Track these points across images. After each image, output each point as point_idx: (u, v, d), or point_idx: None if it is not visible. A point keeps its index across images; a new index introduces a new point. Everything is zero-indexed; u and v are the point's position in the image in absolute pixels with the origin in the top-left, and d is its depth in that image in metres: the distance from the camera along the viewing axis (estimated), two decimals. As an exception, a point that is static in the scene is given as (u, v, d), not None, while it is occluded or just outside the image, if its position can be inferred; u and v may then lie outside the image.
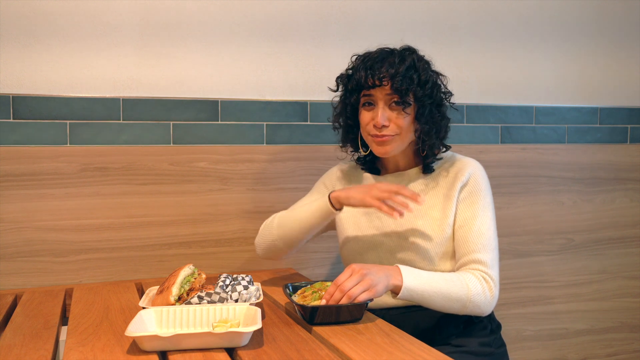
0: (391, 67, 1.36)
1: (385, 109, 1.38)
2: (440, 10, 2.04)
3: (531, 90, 2.18)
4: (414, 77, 1.37)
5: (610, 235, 2.29)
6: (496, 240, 1.40)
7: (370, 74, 1.37)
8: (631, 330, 2.34)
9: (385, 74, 1.36)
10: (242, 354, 1.02)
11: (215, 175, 1.83)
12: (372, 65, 1.37)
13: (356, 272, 1.22)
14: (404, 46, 1.45)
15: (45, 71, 1.68)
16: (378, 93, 1.38)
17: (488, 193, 1.43)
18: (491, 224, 1.40)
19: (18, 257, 1.65)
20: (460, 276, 1.32)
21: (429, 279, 1.29)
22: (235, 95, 1.85)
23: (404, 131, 1.39)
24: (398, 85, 1.35)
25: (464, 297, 1.30)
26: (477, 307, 1.31)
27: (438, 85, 1.43)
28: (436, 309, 1.31)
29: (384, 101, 1.38)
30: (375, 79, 1.36)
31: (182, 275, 1.25)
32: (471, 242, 1.36)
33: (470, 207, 1.40)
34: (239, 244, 1.85)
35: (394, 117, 1.38)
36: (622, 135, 2.30)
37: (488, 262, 1.35)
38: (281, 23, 1.88)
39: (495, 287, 1.33)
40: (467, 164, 1.44)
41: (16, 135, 1.65)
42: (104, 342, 1.09)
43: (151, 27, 1.76)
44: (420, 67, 1.39)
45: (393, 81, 1.35)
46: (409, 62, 1.38)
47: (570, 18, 2.21)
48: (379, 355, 1.02)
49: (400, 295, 1.27)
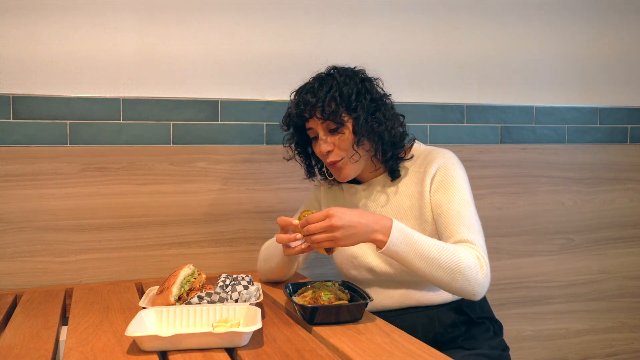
0: (313, 97, 1.36)
1: (326, 136, 1.38)
2: (440, 9, 2.04)
3: (531, 90, 2.19)
4: (335, 96, 1.35)
5: (610, 235, 2.29)
6: (479, 223, 1.33)
7: (299, 111, 1.39)
8: (631, 330, 2.34)
9: (309, 106, 1.36)
10: (242, 354, 1.02)
11: (215, 175, 1.83)
12: (298, 101, 1.39)
13: (328, 223, 1.19)
14: (329, 67, 1.45)
15: (45, 71, 1.68)
16: (313, 124, 1.39)
17: (462, 178, 1.38)
18: (470, 207, 1.34)
19: (18, 257, 1.65)
20: (453, 246, 1.26)
21: (419, 241, 1.23)
22: (235, 95, 1.85)
23: (347, 152, 1.38)
24: (321, 111, 1.35)
25: (454, 266, 1.22)
26: (467, 282, 1.23)
27: (364, 92, 1.39)
28: (421, 274, 1.24)
29: (323, 129, 1.38)
30: (304, 114, 1.38)
31: (182, 275, 1.25)
32: (452, 224, 1.31)
33: (444, 194, 1.36)
34: (239, 244, 1.85)
35: (335, 140, 1.37)
36: (622, 135, 2.30)
37: (476, 242, 1.28)
38: (281, 23, 1.88)
39: (486, 267, 1.26)
40: (436, 157, 1.40)
41: (16, 135, 1.65)
42: (104, 342, 1.09)
43: (151, 26, 1.76)
44: (341, 83, 1.37)
45: (316, 110, 1.36)
46: (329, 84, 1.37)
47: (570, 16, 2.21)
48: (379, 355, 1.02)
49: (384, 250, 1.22)
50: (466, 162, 1.47)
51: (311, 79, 1.44)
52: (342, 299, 1.25)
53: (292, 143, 1.50)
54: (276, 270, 1.52)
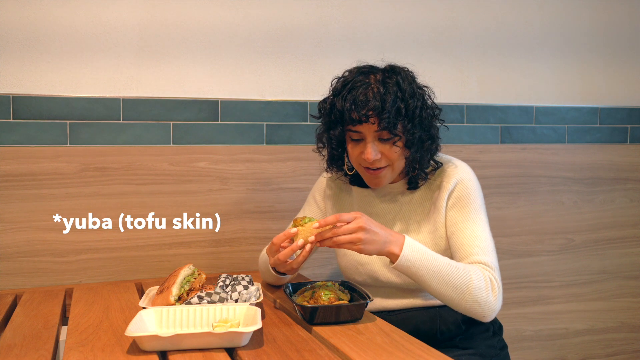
0: (376, 101, 1.26)
1: (374, 143, 1.30)
2: (441, 11, 2.04)
3: (531, 90, 2.19)
4: (401, 109, 1.27)
5: (610, 235, 2.29)
6: (493, 244, 1.32)
7: (354, 109, 1.27)
8: (631, 330, 2.34)
9: (372, 111, 1.26)
10: (242, 354, 1.02)
11: (215, 175, 1.83)
12: (355, 99, 1.27)
13: (357, 224, 1.18)
14: (386, 67, 1.35)
15: (45, 71, 1.68)
16: (365, 129, 1.30)
17: (478, 196, 1.36)
18: (485, 227, 1.33)
19: (18, 257, 1.65)
20: (466, 266, 1.25)
21: (430, 258, 1.22)
22: (235, 95, 1.85)
23: (395, 161, 1.33)
24: (386, 125, 1.26)
25: (464, 286, 1.21)
26: (476, 303, 1.22)
27: (425, 107, 1.34)
28: (431, 291, 1.24)
29: (373, 136, 1.30)
30: (361, 117, 1.27)
31: (182, 275, 1.25)
32: (467, 245, 1.30)
33: (460, 211, 1.34)
34: (239, 244, 1.85)
35: (385, 150, 1.31)
36: (622, 135, 2.30)
37: (490, 264, 1.27)
38: (281, 23, 1.88)
39: (499, 290, 1.25)
40: (454, 172, 1.38)
41: (16, 135, 1.65)
42: (104, 342, 1.09)
43: (151, 27, 1.76)
44: (407, 93, 1.29)
45: (380, 118, 1.26)
46: (394, 92, 1.27)
47: (570, 19, 2.21)
48: (379, 355, 1.02)
49: (396, 265, 1.22)
50: (466, 162, 1.47)
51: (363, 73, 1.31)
52: (342, 299, 1.25)
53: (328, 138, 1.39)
54: (275, 281, 1.49)
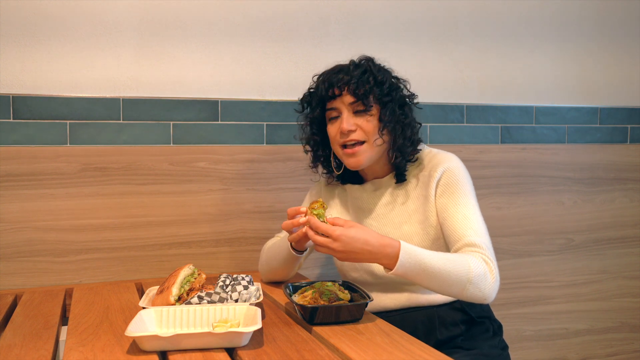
0: (346, 75, 1.39)
1: (349, 115, 1.39)
2: (440, 10, 2.04)
3: (531, 90, 2.19)
4: (370, 79, 1.39)
5: (610, 235, 2.29)
6: (485, 226, 1.34)
7: (328, 85, 1.40)
8: (631, 330, 2.34)
9: (342, 82, 1.38)
10: (242, 354, 1.02)
11: (215, 175, 1.83)
12: (329, 78, 1.41)
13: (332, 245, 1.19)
14: (361, 56, 1.47)
15: (45, 71, 1.68)
16: (339, 103, 1.40)
17: (467, 182, 1.39)
18: (475, 210, 1.35)
19: (18, 257, 1.65)
20: (462, 256, 1.26)
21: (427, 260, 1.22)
22: (235, 95, 1.85)
23: (370, 135, 1.39)
24: (354, 88, 1.37)
25: (465, 278, 1.22)
26: (478, 289, 1.24)
27: (397, 86, 1.44)
28: (431, 290, 1.27)
29: (348, 109, 1.39)
30: (334, 89, 1.39)
31: (182, 275, 1.25)
32: (459, 228, 1.32)
33: (449, 197, 1.37)
34: (239, 244, 1.85)
35: (360, 122, 1.39)
36: (622, 135, 2.30)
37: (483, 245, 1.28)
38: (281, 23, 1.88)
39: (495, 270, 1.27)
40: (441, 161, 1.41)
41: (16, 135, 1.65)
42: (104, 342, 1.09)
43: (151, 26, 1.76)
44: (375, 70, 1.41)
45: (349, 86, 1.38)
46: (363, 67, 1.41)
47: (570, 18, 2.21)
48: (379, 355, 1.02)
49: (391, 274, 1.23)
50: (466, 162, 1.47)
51: (340, 64, 1.45)
52: (342, 299, 1.25)
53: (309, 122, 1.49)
54: (279, 271, 1.51)
